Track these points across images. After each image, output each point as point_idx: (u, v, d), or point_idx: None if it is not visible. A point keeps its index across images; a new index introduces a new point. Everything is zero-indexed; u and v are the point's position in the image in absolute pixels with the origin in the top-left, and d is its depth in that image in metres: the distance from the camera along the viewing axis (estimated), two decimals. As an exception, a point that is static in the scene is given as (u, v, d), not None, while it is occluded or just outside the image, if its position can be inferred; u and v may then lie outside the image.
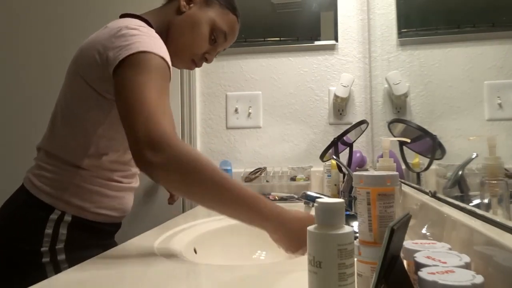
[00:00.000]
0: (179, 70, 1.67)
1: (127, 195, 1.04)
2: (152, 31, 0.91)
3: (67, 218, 0.92)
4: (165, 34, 0.98)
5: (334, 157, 1.23)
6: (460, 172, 0.71)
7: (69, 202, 0.93)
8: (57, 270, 0.88)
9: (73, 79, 0.94)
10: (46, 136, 0.99)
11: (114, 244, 0.98)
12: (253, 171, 1.60)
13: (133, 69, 0.82)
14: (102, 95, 0.90)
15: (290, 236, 0.77)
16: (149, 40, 0.86)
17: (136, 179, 1.06)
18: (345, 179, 1.13)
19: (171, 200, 1.26)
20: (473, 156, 0.65)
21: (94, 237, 0.98)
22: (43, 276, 0.71)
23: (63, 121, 0.95)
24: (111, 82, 0.84)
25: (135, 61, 0.82)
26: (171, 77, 0.88)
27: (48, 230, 0.90)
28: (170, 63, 0.87)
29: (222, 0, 1.04)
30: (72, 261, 0.81)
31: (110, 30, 0.89)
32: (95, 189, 0.95)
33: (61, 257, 0.90)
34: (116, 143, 0.95)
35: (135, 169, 1.03)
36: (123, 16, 0.99)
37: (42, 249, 0.89)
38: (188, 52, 1.02)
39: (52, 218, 0.91)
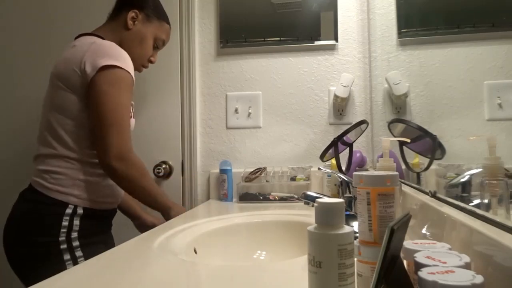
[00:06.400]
0: (179, 71, 1.69)
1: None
2: (115, 45, 1.14)
3: (79, 211, 1.11)
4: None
5: (322, 168, 1.22)
6: (464, 179, 0.71)
7: (78, 196, 1.12)
8: (73, 254, 1.08)
9: (58, 91, 1.13)
10: (46, 143, 1.14)
11: (110, 230, 1.27)
12: (253, 171, 1.60)
13: (107, 84, 1.08)
14: (84, 100, 1.11)
15: (175, 213, 1.25)
16: (118, 54, 1.11)
17: None
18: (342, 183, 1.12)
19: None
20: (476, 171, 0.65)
21: (99, 224, 1.20)
22: (61, 261, 1.06)
23: (60, 126, 1.13)
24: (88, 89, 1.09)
25: (109, 75, 1.09)
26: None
27: (65, 223, 1.09)
28: (133, 74, 1.15)
29: (158, 14, 1.30)
30: (84, 246, 1.10)
31: (82, 46, 1.12)
32: (93, 180, 1.15)
33: (76, 243, 1.09)
34: None
35: None
36: (80, 36, 1.21)
37: (60, 238, 1.08)
38: (139, 61, 1.29)
39: (67, 212, 1.10)
